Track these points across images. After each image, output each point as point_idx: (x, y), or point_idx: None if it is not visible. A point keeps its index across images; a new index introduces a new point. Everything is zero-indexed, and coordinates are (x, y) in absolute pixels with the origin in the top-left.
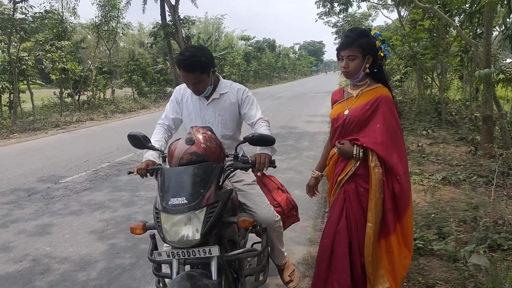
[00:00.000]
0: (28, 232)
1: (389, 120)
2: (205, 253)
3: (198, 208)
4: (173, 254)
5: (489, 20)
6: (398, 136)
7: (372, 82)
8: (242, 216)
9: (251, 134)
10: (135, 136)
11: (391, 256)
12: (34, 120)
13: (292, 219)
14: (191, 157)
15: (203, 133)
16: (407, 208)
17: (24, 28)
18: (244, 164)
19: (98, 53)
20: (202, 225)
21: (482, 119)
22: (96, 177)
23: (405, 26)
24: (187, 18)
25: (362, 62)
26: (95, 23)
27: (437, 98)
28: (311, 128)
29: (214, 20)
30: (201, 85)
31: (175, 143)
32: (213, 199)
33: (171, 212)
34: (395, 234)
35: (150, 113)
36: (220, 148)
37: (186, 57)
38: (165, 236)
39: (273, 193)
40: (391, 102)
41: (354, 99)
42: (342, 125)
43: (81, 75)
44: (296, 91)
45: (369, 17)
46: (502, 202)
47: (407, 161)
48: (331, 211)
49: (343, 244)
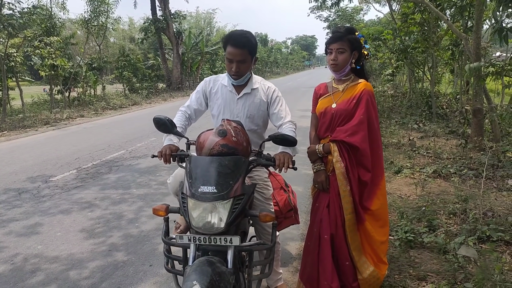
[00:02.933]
0: (19, 231)
1: (370, 112)
2: (226, 241)
3: (226, 198)
4: (194, 239)
5: (479, 14)
6: (375, 128)
7: (356, 78)
8: (265, 210)
9: (276, 134)
10: (161, 120)
11: (370, 239)
12: (23, 117)
13: (290, 220)
14: (222, 148)
15: (235, 126)
16: (373, 195)
17: (12, 24)
18: (266, 161)
19: (88, 49)
20: (228, 215)
21: (473, 112)
22: (87, 174)
23: (396, 20)
24: (178, 12)
25: (350, 56)
26: (85, 18)
27: (428, 91)
28: (304, 123)
29: (206, 15)
30: (244, 66)
31: (206, 134)
32: (240, 191)
33: (199, 199)
34: (367, 220)
35: (142, 109)
36: (248, 143)
37: (239, 33)
38: (190, 221)
39: (275, 192)
40: (373, 96)
41: (340, 93)
42: (330, 119)
43: (71, 72)
44: (288, 86)
45: (360, 11)
46: (491, 194)
47: (382, 150)
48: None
49: (324, 231)
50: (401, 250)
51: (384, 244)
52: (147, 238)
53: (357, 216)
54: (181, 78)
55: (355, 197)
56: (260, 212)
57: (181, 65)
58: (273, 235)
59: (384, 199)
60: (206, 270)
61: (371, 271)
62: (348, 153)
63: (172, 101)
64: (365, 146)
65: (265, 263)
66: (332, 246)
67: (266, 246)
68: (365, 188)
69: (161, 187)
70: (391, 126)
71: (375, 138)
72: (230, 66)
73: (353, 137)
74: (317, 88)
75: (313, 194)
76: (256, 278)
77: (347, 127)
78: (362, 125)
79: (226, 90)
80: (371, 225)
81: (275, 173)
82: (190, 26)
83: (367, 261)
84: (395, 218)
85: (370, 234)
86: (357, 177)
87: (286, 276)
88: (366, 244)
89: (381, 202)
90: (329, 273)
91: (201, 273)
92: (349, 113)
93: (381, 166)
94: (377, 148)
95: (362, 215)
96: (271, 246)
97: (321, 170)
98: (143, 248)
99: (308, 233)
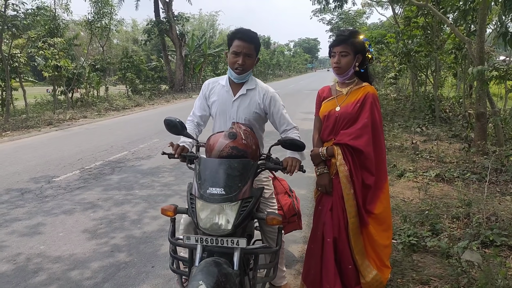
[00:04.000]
0: (21, 231)
1: (374, 115)
2: (233, 243)
3: (234, 200)
4: (201, 240)
5: (482, 17)
6: (380, 131)
7: (360, 81)
8: (272, 214)
9: (286, 138)
10: (172, 122)
11: (373, 242)
12: (27, 117)
13: (294, 225)
14: (232, 151)
15: (244, 129)
16: (377, 199)
17: (16, 24)
18: (275, 165)
19: (91, 50)
20: (235, 217)
21: (476, 116)
22: (90, 175)
23: (399, 24)
24: (181, 15)
25: (353, 59)
26: (88, 20)
27: (431, 95)
28: (306, 125)
29: (209, 17)
30: (249, 61)
31: (216, 136)
32: (248, 194)
33: (208, 200)
34: (370, 224)
35: (145, 111)
36: (257, 146)
37: (247, 29)
38: (197, 222)
39: (279, 196)
40: (377, 99)
41: (344, 96)
42: (334, 122)
43: (74, 73)
44: (290, 89)
45: (363, 14)
46: (495, 198)
47: (385, 154)
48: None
49: (327, 235)
50: (404, 254)
51: (387, 248)
52: (150, 239)
53: (360, 219)
54: (184, 79)
55: (358, 201)
56: (267, 216)
57: (184, 67)
58: (278, 239)
59: (388, 203)
60: (212, 271)
61: (374, 275)
62: (352, 156)
63: (174, 103)
64: (369, 149)
65: (270, 266)
66: (335, 249)
67: (272, 250)
68: (368, 192)
69: (164, 188)
70: (394, 129)
71: (379, 142)
72: (236, 59)
73: (357, 141)
74: (321, 91)
75: (316, 197)
76: (261, 281)
77: (351, 131)
78: (366, 128)
79: (223, 90)
80: (374, 229)
81: (280, 178)
82: (193, 28)
83: (370, 265)
84: (398, 222)
85: (373, 237)
86: (361, 180)
87: (288, 279)
88: (369, 247)
89: (384, 206)
90: (332, 276)
91: (207, 273)
92: (353, 117)
93: (385, 170)
94: (380, 152)
95: (366, 219)
96: (276, 249)
97: (324, 173)
98: (145, 249)
99: (311, 236)
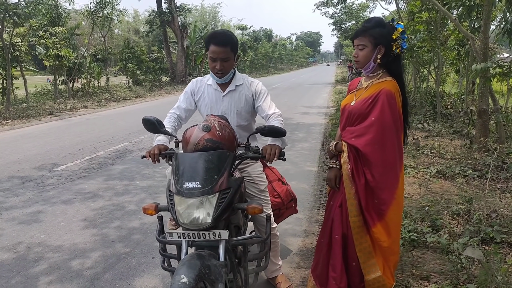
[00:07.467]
0: (22, 220)
1: (384, 115)
2: (215, 236)
3: (211, 193)
4: (184, 235)
5: (487, 14)
6: (391, 132)
7: (385, 75)
8: (252, 203)
9: (263, 125)
10: (149, 120)
11: (380, 248)
12: (27, 107)
13: (291, 210)
14: (207, 143)
15: (219, 121)
16: (389, 205)
17: (17, 13)
18: (254, 154)
19: (92, 40)
20: (214, 210)
21: (478, 113)
22: (91, 165)
23: (403, 18)
24: (183, 6)
25: (372, 52)
26: (90, 9)
27: (433, 91)
28: (307, 119)
29: (211, 9)
30: (228, 64)
31: (190, 130)
32: (226, 185)
33: (185, 195)
34: (375, 227)
35: (145, 102)
36: (233, 137)
37: (221, 32)
38: (177, 218)
39: (274, 184)
40: (392, 97)
41: (363, 90)
42: (347, 117)
43: (75, 62)
44: (292, 82)
45: (367, 8)
46: (495, 195)
47: (396, 159)
48: (332, 200)
49: (336, 231)
50: (404, 249)
51: (394, 256)
52: (150, 230)
53: (365, 220)
54: (185, 71)
55: (360, 201)
56: (248, 205)
57: (185, 58)
58: (267, 228)
59: (399, 210)
60: (194, 264)
61: (377, 276)
62: (355, 155)
63: (175, 94)
64: (369, 150)
65: (261, 256)
66: (345, 246)
67: (259, 239)
68: (374, 194)
69: (165, 179)
70: None
71: (389, 145)
72: (214, 64)
73: (357, 139)
74: (352, 82)
75: (329, 192)
76: (252, 272)
77: (355, 128)
78: (371, 127)
79: (211, 89)
80: (380, 234)
81: (271, 166)
82: (195, 19)
83: (376, 265)
84: None
85: (379, 243)
86: (364, 181)
87: (287, 271)
88: (377, 248)
89: (394, 213)
90: (339, 272)
91: (189, 266)
92: (363, 113)
93: (395, 175)
94: (388, 156)
95: (370, 221)
96: (264, 238)
97: (332, 167)
98: (145, 240)
99: (322, 230)
